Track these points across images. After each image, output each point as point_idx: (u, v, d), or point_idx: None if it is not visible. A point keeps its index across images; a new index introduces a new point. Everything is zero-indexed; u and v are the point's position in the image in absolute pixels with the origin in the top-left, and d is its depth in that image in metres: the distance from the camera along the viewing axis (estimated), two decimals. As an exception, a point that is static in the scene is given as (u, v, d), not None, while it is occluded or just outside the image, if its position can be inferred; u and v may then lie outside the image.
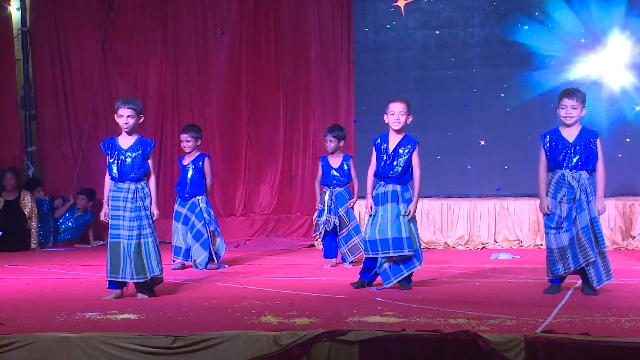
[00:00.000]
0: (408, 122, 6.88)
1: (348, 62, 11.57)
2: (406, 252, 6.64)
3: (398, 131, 6.85)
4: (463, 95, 11.04)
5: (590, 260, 6.20)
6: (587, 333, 4.51)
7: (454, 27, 11.11)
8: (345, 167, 8.52)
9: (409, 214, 6.69)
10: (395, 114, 6.82)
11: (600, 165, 6.35)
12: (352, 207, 8.57)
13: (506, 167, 10.75)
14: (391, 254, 6.65)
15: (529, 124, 10.57)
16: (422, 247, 10.13)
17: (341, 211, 8.45)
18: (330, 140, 8.60)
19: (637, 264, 8.37)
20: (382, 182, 6.82)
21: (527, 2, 10.88)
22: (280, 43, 11.86)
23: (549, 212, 6.33)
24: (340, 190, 8.52)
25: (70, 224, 11.53)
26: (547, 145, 6.40)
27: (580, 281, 6.47)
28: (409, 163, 6.78)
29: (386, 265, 6.69)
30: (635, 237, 9.89)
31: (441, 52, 11.14)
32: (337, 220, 8.42)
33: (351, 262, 8.42)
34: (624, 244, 9.90)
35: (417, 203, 6.79)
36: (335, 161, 8.58)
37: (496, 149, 10.92)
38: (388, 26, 11.23)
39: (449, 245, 10.36)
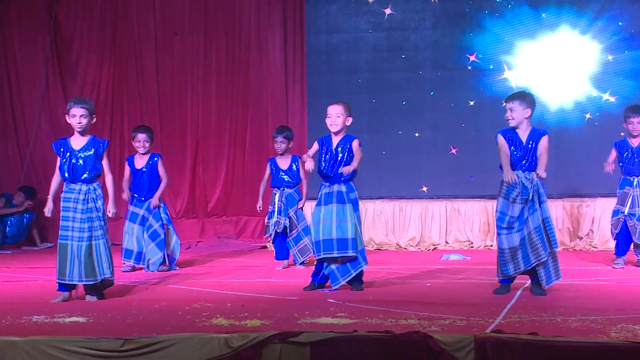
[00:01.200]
0: (347, 124, 6.84)
1: (301, 64, 11.57)
2: (350, 254, 6.64)
3: (337, 133, 6.85)
4: (414, 97, 11.13)
5: (542, 260, 6.27)
6: (535, 333, 4.56)
7: (406, 29, 11.19)
8: (295, 168, 8.53)
9: (345, 170, 6.63)
10: (332, 117, 6.81)
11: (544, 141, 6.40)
12: (302, 208, 8.57)
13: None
14: (335, 255, 6.64)
15: (480, 126, 10.70)
16: (374, 248, 10.32)
17: (291, 212, 8.44)
18: (280, 142, 8.59)
19: (584, 264, 8.51)
20: (327, 183, 6.81)
21: (478, 6, 11.00)
22: (232, 45, 11.82)
23: (514, 180, 6.32)
24: (290, 192, 8.51)
25: (14, 226, 11.32)
26: (507, 143, 6.43)
27: (529, 281, 6.55)
28: (350, 161, 6.78)
29: (333, 266, 6.69)
30: (582, 238, 10.06)
31: (392, 54, 11.21)
32: (287, 222, 8.41)
33: (302, 263, 8.42)
34: (571, 244, 10.06)
35: (353, 167, 6.69)
36: (284, 162, 8.58)
37: (447, 151, 11.02)
38: (340, 28, 11.29)
39: (400, 247, 10.42)
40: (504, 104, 6.50)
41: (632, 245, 8.08)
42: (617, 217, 8.06)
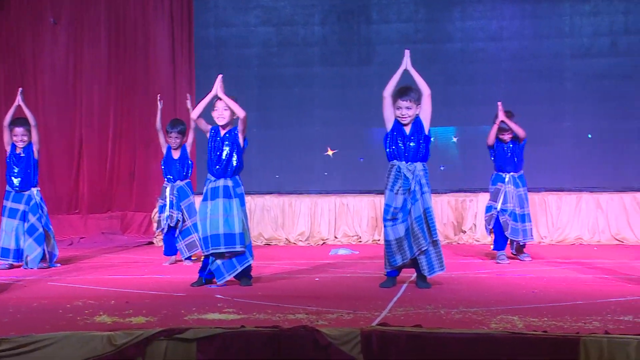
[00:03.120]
0: (234, 117, 6.83)
1: (189, 57, 11.43)
2: (238, 248, 6.61)
3: (224, 126, 6.81)
4: (304, 92, 11.17)
5: (423, 249, 6.39)
6: (419, 325, 4.64)
7: (295, 25, 11.21)
8: (188, 161, 8.47)
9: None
10: (219, 110, 6.79)
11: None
12: (194, 202, 8.48)
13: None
14: (222, 250, 6.60)
15: (369, 121, 10.83)
16: (263, 243, 10.30)
17: (182, 206, 8.33)
18: (175, 137, 8.49)
19: (467, 257, 8.73)
20: (213, 178, 6.76)
21: (366, 3, 11.14)
22: (117, 36, 11.56)
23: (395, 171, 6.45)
24: (182, 185, 8.40)
25: None
26: (389, 135, 6.53)
27: (414, 275, 6.67)
28: (233, 154, 6.74)
29: (219, 262, 6.64)
30: (465, 232, 10.32)
31: (282, 49, 11.22)
32: (180, 215, 8.30)
33: (189, 259, 8.32)
34: (455, 238, 10.31)
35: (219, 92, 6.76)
36: (176, 153, 8.49)
37: (337, 146, 11.12)
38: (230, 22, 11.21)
39: (290, 242, 10.43)
40: (397, 102, 6.54)
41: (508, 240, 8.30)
42: (490, 213, 8.22)
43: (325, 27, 11.21)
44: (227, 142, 6.78)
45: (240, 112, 6.73)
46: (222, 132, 6.83)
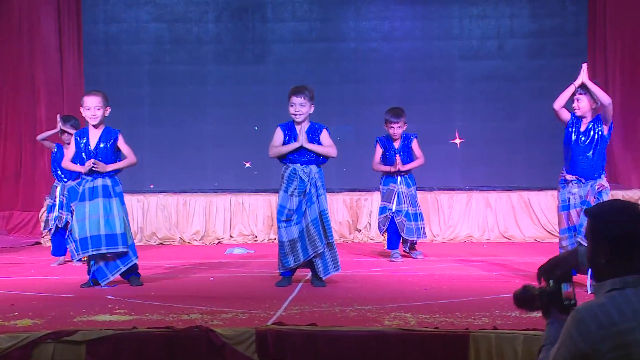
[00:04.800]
0: (106, 115, 6.66)
1: (78, 53, 11.12)
2: (121, 249, 6.49)
3: (96, 126, 6.64)
4: (197, 90, 11.06)
5: (319, 252, 6.42)
6: (314, 323, 4.67)
7: (188, 22, 11.09)
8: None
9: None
10: (92, 109, 6.58)
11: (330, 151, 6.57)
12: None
13: (249, 165, 10.88)
14: (104, 251, 6.45)
15: (263, 120, 10.81)
16: (157, 243, 10.13)
17: (73, 206, 8.09)
18: (68, 132, 8.22)
19: (362, 255, 8.82)
20: (90, 177, 6.59)
21: (261, 1, 11.12)
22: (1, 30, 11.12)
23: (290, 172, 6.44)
24: (73, 185, 8.16)
25: None
26: (282, 135, 6.53)
27: (310, 274, 6.69)
28: (113, 154, 6.61)
29: (101, 263, 6.50)
30: (360, 231, 10.42)
31: (175, 46, 11.08)
32: (69, 216, 8.07)
33: (79, 260, 8.08)
34: (350, 237, 10.39)
35: (111, 167, 6.57)
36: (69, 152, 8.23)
37: (231, 144, 11.07)
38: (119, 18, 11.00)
39: (184, 241, 10.29)
40: (291, 98, 6.55)
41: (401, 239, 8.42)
42: (384, 214, 8.26)
43: (219, 24, 11.13)
44: (102, 144, 6.61)
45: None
46: (96, 135, 6.64)
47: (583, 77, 6.27)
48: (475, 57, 11.18)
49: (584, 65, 6.36)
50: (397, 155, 8.20)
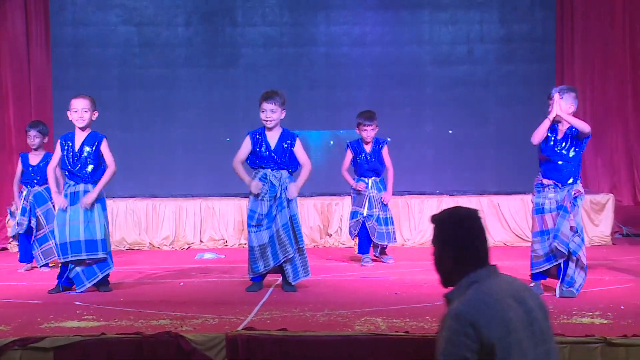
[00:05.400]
0: (93, 118, 6.64)
1: (46, 56, 11.01)
2: (100, 255, 6.45)
3: (83, 129, 6.61)
4: (167, 94, 11.01)
5: (289, 257, 6.42)
6: (284, 328, 4.65)
7: (158, 25, 11.04)
8: (43, 165, 8.11)
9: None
10: (79, 111, 6.57)
11: (306, 164, 6.61)
12: (52, 208, 8.16)
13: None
14: (83, 257, 6.41)
15: (233, 124, 10.78)
16: (126, 248, 10.04)
17: (39, 212, 8.01)
18: (34, 136, 8.15)
19: (332, 260, 8.82)
20: (72, 182, 6.55)
21: (231, 5, 11.09)
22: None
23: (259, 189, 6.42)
24: (40, 190, 8.07)
25: None
26: (251, 143, 6.53)
27: (280, 279, 6.67)
28: (97, 158, 6.57)
29: (79, 269, 6.45)
30: (331, 235, 10.42)
31: (145, 50, 11.02)
32: (34, 222, 7.98)
33: (46, 265, 8.00)
34: (321, 241, 10.39)
35: (96, 192, 6.53)
36: (35, 158, 8.15)
37: (201, 150, 11.03)
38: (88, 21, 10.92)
39: (154, 246, 10.22)
40: (262, 104, 6.54)
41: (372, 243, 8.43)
42: (356, 218, 8.28)
43: (189, 28, 11.09)
44: (86, 147, 6.57)
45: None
46: (81, 138, 6.62)
47: (557, 109, 6.24)
48: (445, 62, 11.23)
49: (556, 96, 6.24)
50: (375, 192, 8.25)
